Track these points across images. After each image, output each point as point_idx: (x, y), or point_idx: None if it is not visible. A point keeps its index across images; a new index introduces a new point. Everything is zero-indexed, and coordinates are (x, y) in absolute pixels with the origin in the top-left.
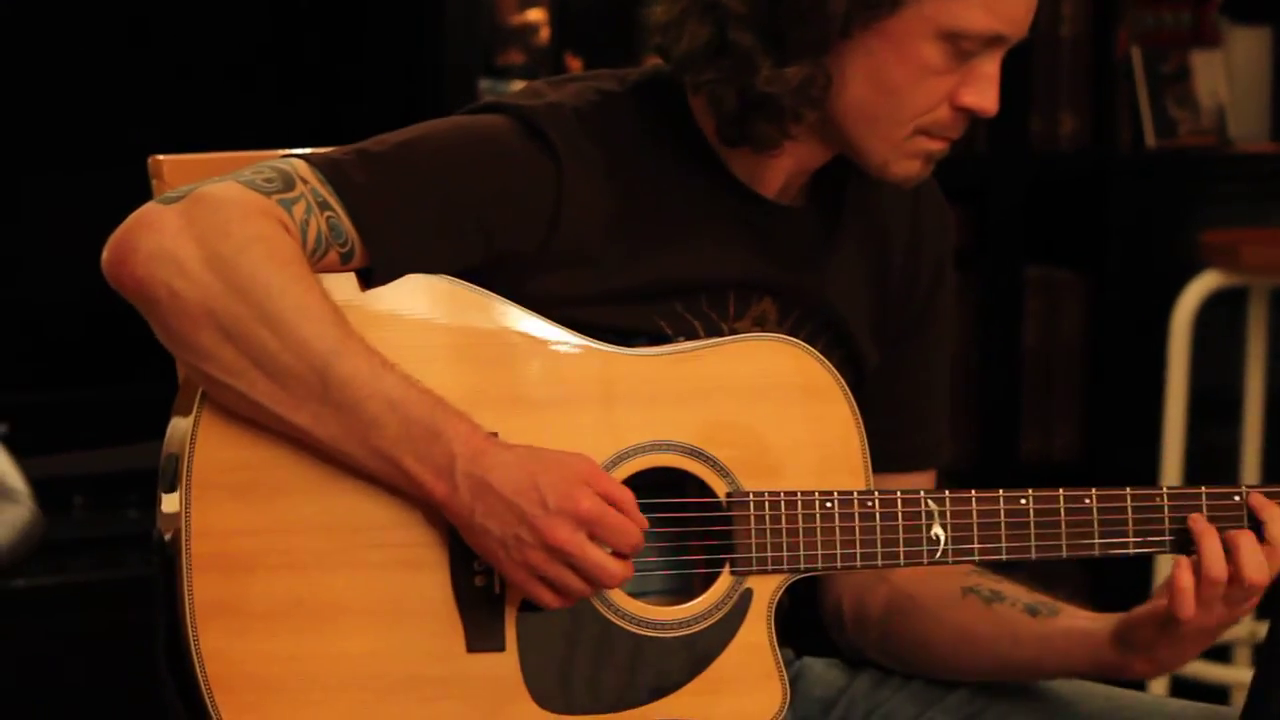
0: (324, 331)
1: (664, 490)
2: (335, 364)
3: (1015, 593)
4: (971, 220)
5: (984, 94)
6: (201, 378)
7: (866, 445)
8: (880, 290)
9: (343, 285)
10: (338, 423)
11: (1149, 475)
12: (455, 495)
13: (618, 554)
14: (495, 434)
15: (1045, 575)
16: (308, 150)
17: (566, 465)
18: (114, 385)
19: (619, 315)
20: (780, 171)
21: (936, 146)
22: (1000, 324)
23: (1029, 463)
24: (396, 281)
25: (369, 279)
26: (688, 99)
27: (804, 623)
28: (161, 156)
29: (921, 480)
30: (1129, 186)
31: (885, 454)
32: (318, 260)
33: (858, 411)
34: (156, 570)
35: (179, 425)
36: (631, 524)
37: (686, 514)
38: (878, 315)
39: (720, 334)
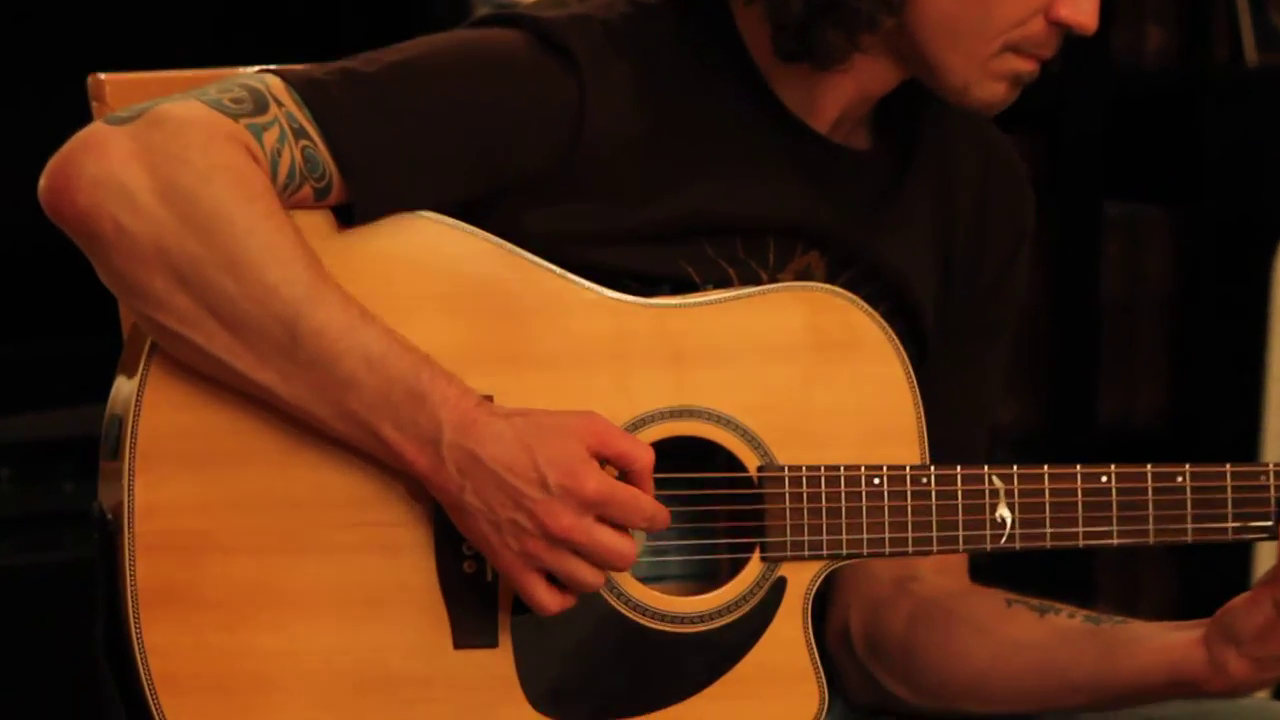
0: (294, 276)
1: (687, 463)
2: (306, 314)
3: (1069, 608)
4: (1042, 149)
5: (1081, 7)
6: (151, 328)
7: (923, 413)
8: (944, 260)
9: (317, 224)
10: (307, 382)
11: (1246, 447)
12: (441, 470)
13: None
14: (490, 398)
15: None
16: (285, 67)
17: (569, 434)
18: (48, 338)
19: (639, 258)
20: (839, 97)
21: (1026, 67)
22: (1075, 269)
23: (1107, 429)
24: (380, 221)
25: (348, 217)
26: (733, 14)
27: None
28: (103, 75)
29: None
30: (1225, 109)
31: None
32: (289, 196)
33: (913, 375)
34: (95, 552)
35: (123, 385)
36: (646, 499)
37: (712, 490)
38: (941, 290)
39: (758, 284)
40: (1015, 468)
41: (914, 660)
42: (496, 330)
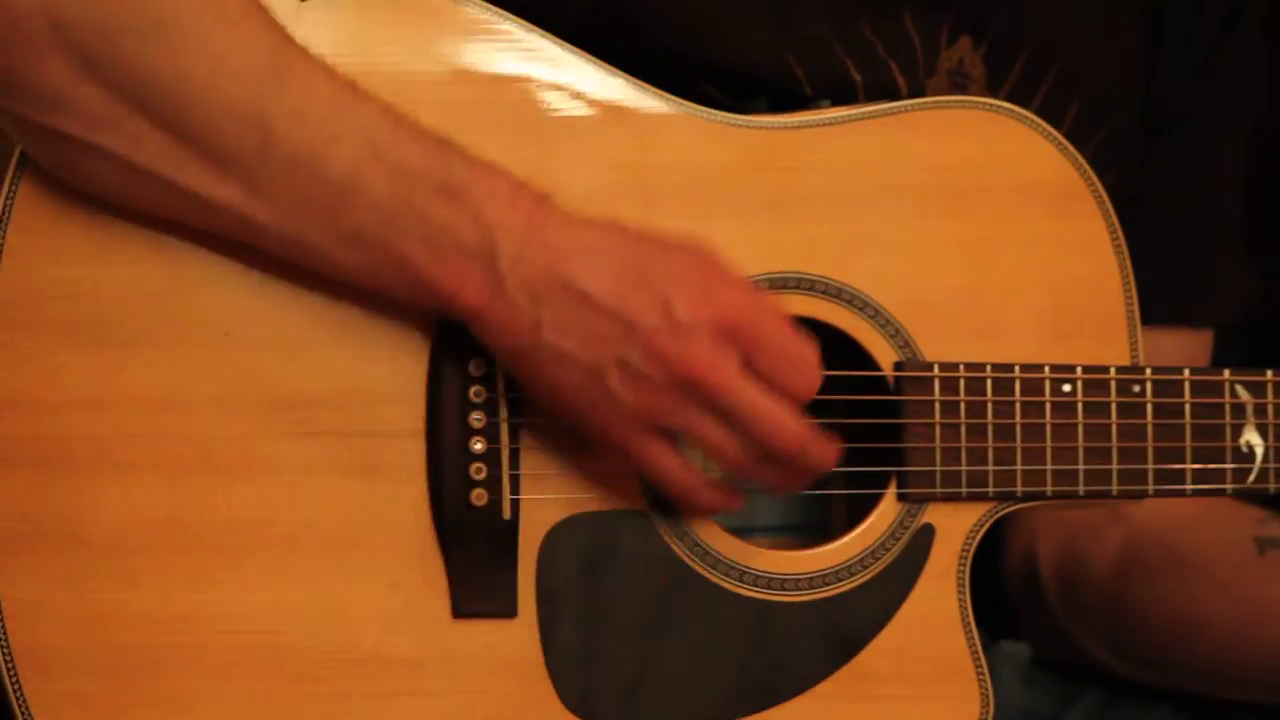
0: (251, 39)
1: None
2: (275, 90)
3: None
4: None
5: None
6: (40, 145)
7: (1134, 291)
8: (1149, 24)
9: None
10: (287, 192)
11: None
12: (500, 299)
13: None
14: (547, 196)
15: None
16: None
17: (687, 250)
18: None
19: (728, 53)
20: None
21: None
22: None
23: None
24: None
25: None
26: None
27: (991, 584)
28: None
29: (1191, 344)
30: None
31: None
32: None
33: (1120, 234)
34: None
35: None
36: (809, 349)
37: (827, 396)
38: (1142, 73)
39: (896, 97)
40: (1269, 373)
41: (1124, 617)
42: (525, 157)
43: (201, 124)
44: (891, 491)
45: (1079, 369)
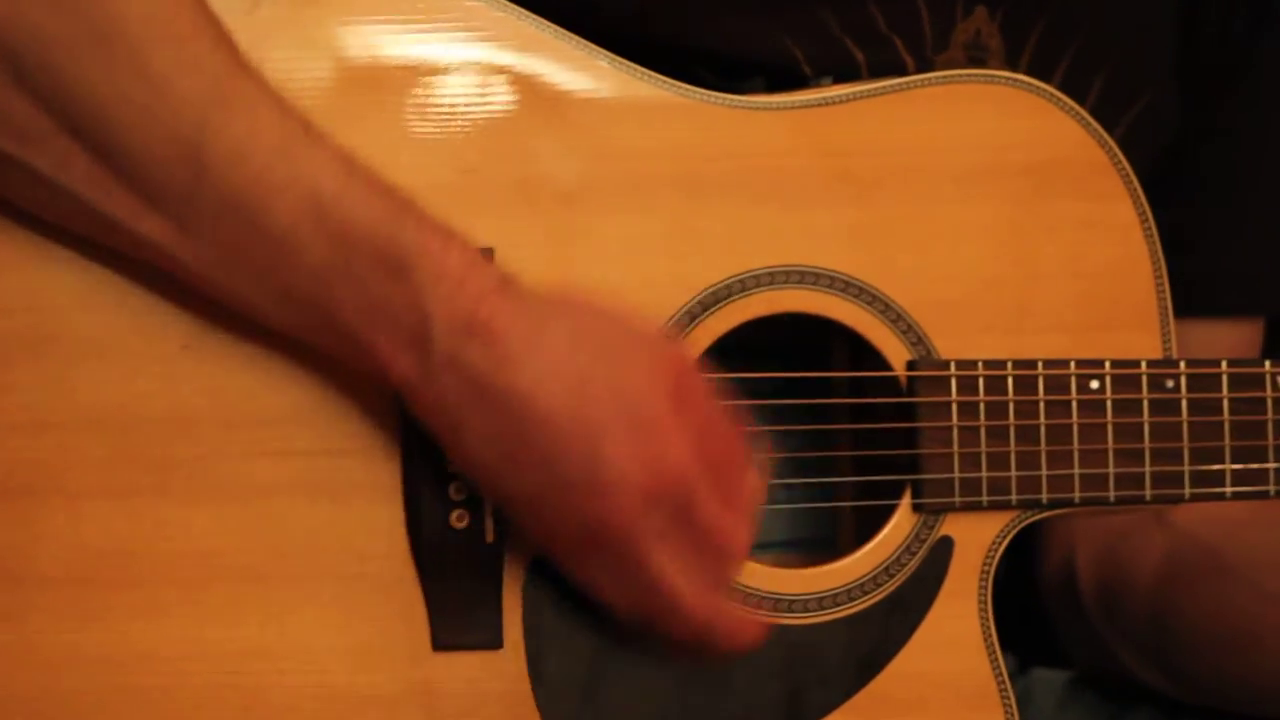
0: (197, 61)
1: (793, 358)
2: (217, 124)
3: None
4: None
5: None
6: None
7: (1165, 278)
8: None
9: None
10: (218, 238)
11: None
12: (431, 388)
13: None
14: (491, 252)
15: None
16: None
17: (646, 372)
18: None
19: (721, 33)
20: None
21: None
22: None
23: None
24: None
25: None
26: None
27: (1024, 605)
28: None
29: (1240, 336)
30: None
31: (1174, 286)
32: None
33: (1151, 218)
34: None
35: None
36: (740, 527)
37: (835, 400)
38: (1178, 34)
39: (903, 72)
40: None
41: (1170, 632)
42: (498, 150)
43: (132, 152)
44: (905, 502)
45: (1107, 364)
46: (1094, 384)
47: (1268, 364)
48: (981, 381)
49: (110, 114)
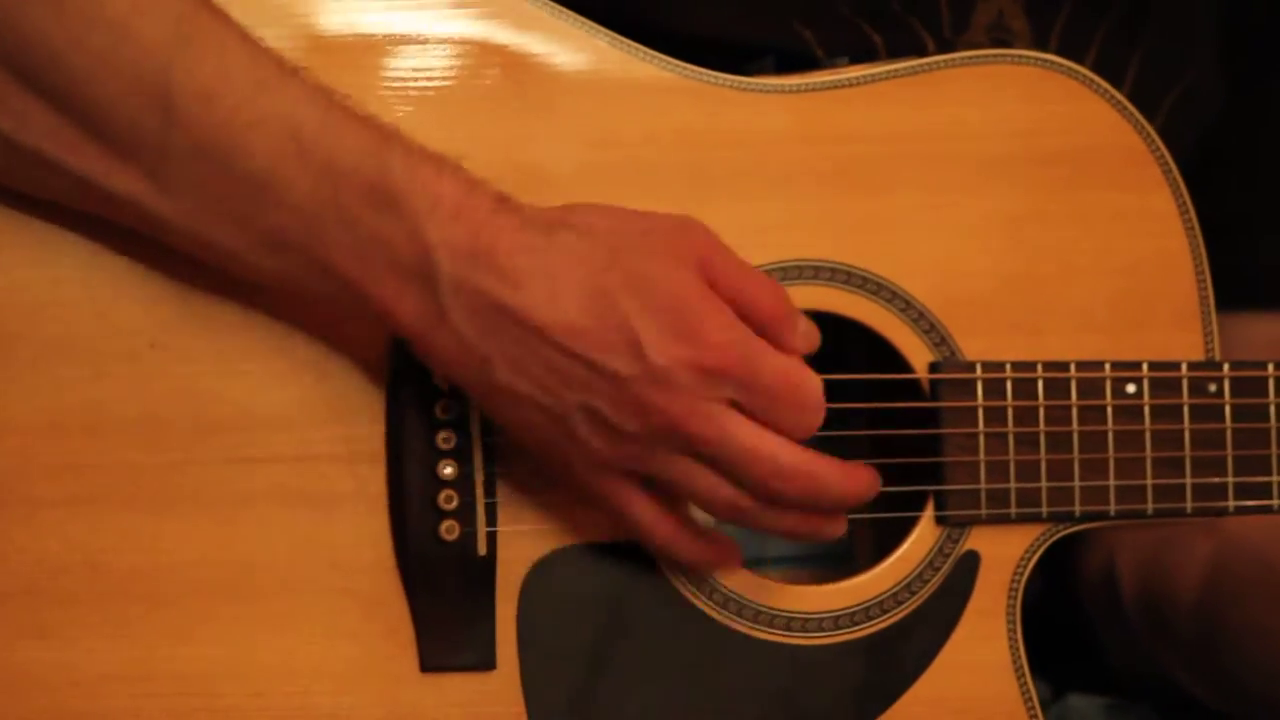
0: (163, 2)
1: (806, 359)
2: (182, 63)
3: None
4: None
5: None
6: None
7: (1207, 272)
8: None
9: None
10: (193, 185)
11: None
12: (443, 328)
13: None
14: (505, 198)
15: None
16: None
17: (669, 253)
18: None
19: (726, 17)
20: None
21: None
22: None
23: None
24: None
25: None
26: None
27: (1057, 623)
28: None
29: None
30: None
31: (1214, 278)
32: None
33: (1191, 208)
34: None
35: None
36: (810, 383)
37: (853, 404)
38: (1221, 12)
39: (924, 54)
40: None
41: (1217, 647)
42: (499, 128)
43: (95, 102)
44: (928, 514)
45: (1145, 366)
46: (1130, 388)
47: None
48: (1009, 385)
49: (67, 63)
